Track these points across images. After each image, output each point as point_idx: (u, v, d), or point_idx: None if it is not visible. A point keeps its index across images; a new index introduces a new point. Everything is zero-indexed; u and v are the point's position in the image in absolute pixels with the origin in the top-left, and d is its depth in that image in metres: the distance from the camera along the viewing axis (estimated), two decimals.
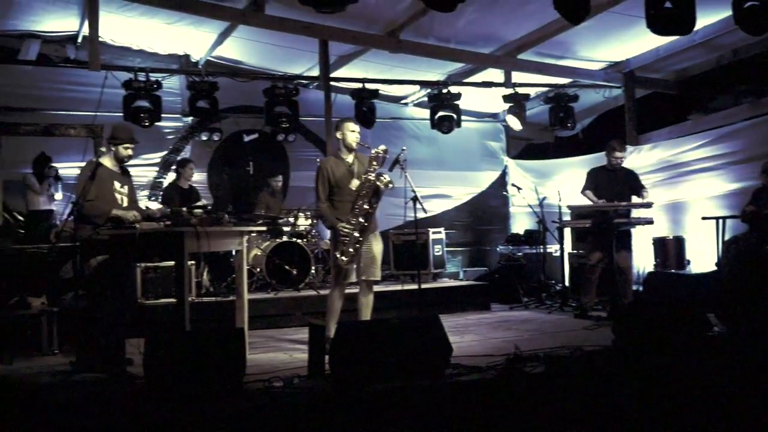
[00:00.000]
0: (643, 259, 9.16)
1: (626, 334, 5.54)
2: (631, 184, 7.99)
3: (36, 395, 4.79)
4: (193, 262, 7.77)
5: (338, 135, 6.24)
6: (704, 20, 7.74)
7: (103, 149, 5.83)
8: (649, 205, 7.68)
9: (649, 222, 7.85)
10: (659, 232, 9.07)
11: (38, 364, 5.92)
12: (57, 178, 8.91)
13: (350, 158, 6.20)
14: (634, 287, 8.25)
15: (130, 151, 5.83)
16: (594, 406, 4.36)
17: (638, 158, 9.77)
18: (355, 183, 6.10)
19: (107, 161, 5.79)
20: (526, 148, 12.64)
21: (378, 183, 5.99)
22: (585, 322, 7.49)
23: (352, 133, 6.17)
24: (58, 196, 8.99)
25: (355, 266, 6.12)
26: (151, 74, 8.71)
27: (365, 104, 9.72)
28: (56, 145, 8.96)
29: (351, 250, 5.99)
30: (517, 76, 10.06)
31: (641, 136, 10.06)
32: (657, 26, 6.39)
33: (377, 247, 6.18)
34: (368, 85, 9.79)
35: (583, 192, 8.10)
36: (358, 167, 6.18)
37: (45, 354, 6.30)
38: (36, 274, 7.00)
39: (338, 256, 6.01)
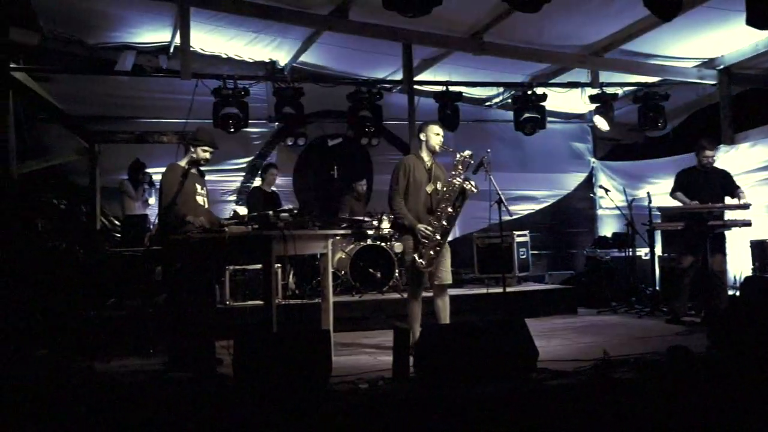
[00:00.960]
0: (740, 263, 8.81)
1: (722, 340, 5.34)
2: (724, 184, 7.69)
3: (131, 394, 4.96)
4: (279, 265, 7.92)
5: (422, 137, 6.24)
6: None
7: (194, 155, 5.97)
8: (746, 207, 7.37)
9: (747, 224, 7.52)
10: (758, 235, 8.68)
11: (134, 363, 6.14)
12: (151, 183, 9.25)
13: (429, 162, 6.20)
14: (731, 292, 7.95)
15: (208, 155, 5.96)
16: (686, 414, 4.22)
17: (735, 157, 9.39)
18: (430, 187, 6.10)
19: (183, 163, 5.93)
20: (613, 148, 12.35)
21: (465, 186, 5.97)
22: (677, 328, 7.27)
23: (436, 136, 6.17)
24: (152, 201, 9.34)
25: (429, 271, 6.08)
26: (239, 81, 8.94)
27: (448, 107, 9.70)
28: (149, 151, 9.32)
29: (431, 252, 5.95)
30: (605, 76, 9.85)
31: (737, 135, 9.67)
32: (757, 21, 6.13)
33: (446, 252, 6.15)
34: (451, 88, 9.77)
35: (672, 194, 7.86)
36: (436, 171, 6.18)
37: (140, 353, 6.53)
38: (131, 276, 7.26)
39: (417, 259, 5.98)
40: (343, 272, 8.86)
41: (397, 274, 8.86)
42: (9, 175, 7.00)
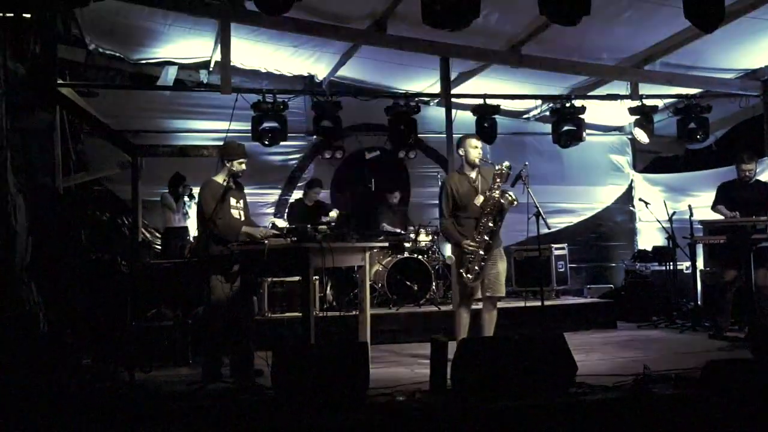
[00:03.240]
0: None
1: (766, 356, 5.25)
2: (764, 199, 7.59)
3: (171, 403, 5.03)
4: (317, 277, 7.97)
5: (460, 152, 6.28)
6: None
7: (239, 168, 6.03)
8: None
9: None
10: None
11: (173, 373, 6.24)
12: (191, 196, 9.39)
13: (473, 174, 6.23)
14: None
15: (243, 166, 6.00)
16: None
17: None
18: (479, 199, 6.13)
19: (220, 178, 5.98)
20: (654, 161, 12.22)
21: (502, 200, 5.99)
22: (720, 343, 7.15)
23: (474, 149, 6.20)
24: (192, 213, 9.48)
25: (479, 283, 6.12)
26: (277, 95, 9.04)
27: (486, 120, 9.68)
28: (190, 165, 9.46)
29: (477, 267, 6.01)
30: (645, 88, 9.76)
31: None
32: None
33: (501, 264, 6.17)
34: (489, 101, 9.75)
35: (713, 208, 7.77)
36: (482, 183, 6.20)
37: (179, 364, 6.62)
38: (171, 287, 7.38)
39: (464, 274, 6.04)
40: (380, 285, 8.89)
41: (434, 287, 8.86)
42: (55, 189, 7.16)
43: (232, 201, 5.98)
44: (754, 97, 9.65)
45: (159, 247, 9.65)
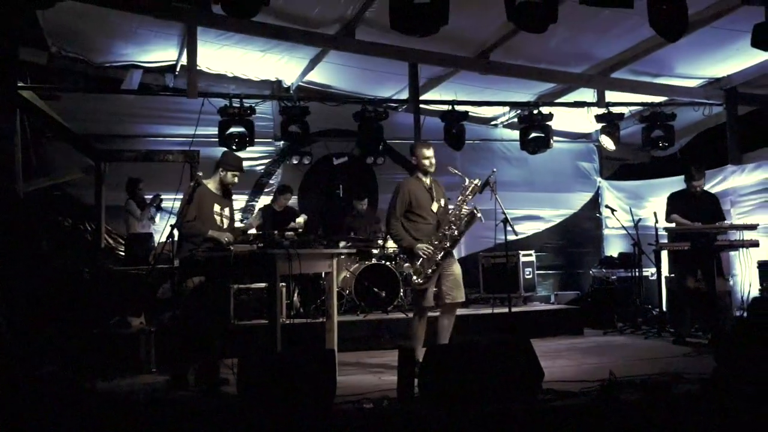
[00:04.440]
0: (747, 284, 8.79)
1: (729, 362, 5.33)
2: (714, 210, 7.77)
3: (134, 412, 4.96)
4: (284, 284, 7.93)
5: (413, 160, 6.32)
6: None
7: (200, 173, 6.04)
8: (753, 227, 7.41)
9: (755, 245, 7.56)
10: (765, 256, 8.68)
11: (137, 381, 6.15)
12: (159, 207, 9.29)
13: (427, 181, 6.27)
14: (738, 313, 7.93)
15: (236, 179, 6.10)
16: None
17: (741, 179, 9.41)
18: (435, 206, 6.17)
19: (211, 184, 6.04)
20: (620, 168, 12.37)
21: (475, 213, 6.04)
22: (684, 349, 7.25)
23: (426, 159, 6.21)
24: (157, 220, 9.38)
25: (434, 289, 6.11)
26: (245, 100, 9.00)
27: (454, 126, 9.73)
28: (155, 170, 9.37)
29: (429, 271, 6.00)
30: (611, 95, 9.89)
31: (745, 155, 9.70)
32: (763, 42, 6.19)
33: (456, 267, 6.20)
34: (458, 107, 9.79)
35: (668, 218, 7.93)
36: (435, 190, 6.24)
37: (143, 372, 6.53)
38: (135, 294, 7.30)
39: (414, 277, 6.03)
40: (347, 291, 8.87)
41: (401, 294, 8.87)
42: (16, 193, 7.05)
43: (216, 207, 6.00)
44: (717, 105, 9.83)
45: (122, 253, 9.53)
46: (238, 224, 6.80)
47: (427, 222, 6.16)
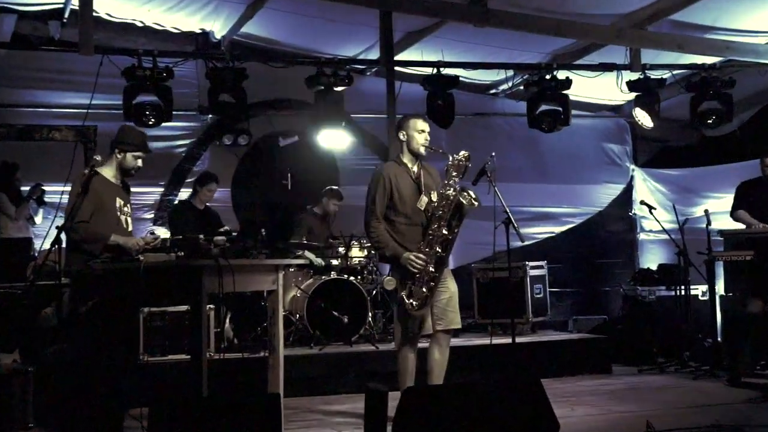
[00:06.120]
0: None
1: None
2: None
3: None
4: (212, 306, 7.90)
5: (401, 136, 6.28)
6: None
7: (98, 157, 5.99)
8: None
9: None
10: None
11: None
12: (41, 201, 9.18)
13: (416, 168, 6.23)
14: None
15: (140, 162, 6.02)
16: None
17: None
18: (423, 201, 6.12)
19: (107, 171, 5.96)
20: (660, 152, 12.48)
21: (461, 199, 5.99)
22: (746, 392, 7.32)
23: (420, 134, 6.18)
24: (38, 220, 9.28)
25: (428, 313, 6.10)
26: (159, 59, 8.91)
27: (441, 96, 9.74)
28: (36, 153, 9.26)
29: (424, 289, 5.97)
30: (649, 55, 9.94)
31: None
32: None
33: (452, 285, 6.19)
34: (444, 71, 9.80)
35: (733, 214, 7.98)
36: (426, 180, 6.20)
37: (17, 428, 6.45)
38: (7, 322, 7.21)
39: (405, 299, 6.00)
40: (298, 316, 8.85)
41: (370, 319, 8.86)
42: None
43: (118, 203, 5.96)
44: None
45: None
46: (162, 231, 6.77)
47: (411, 223, 6.13)
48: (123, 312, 5.82)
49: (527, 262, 9.89)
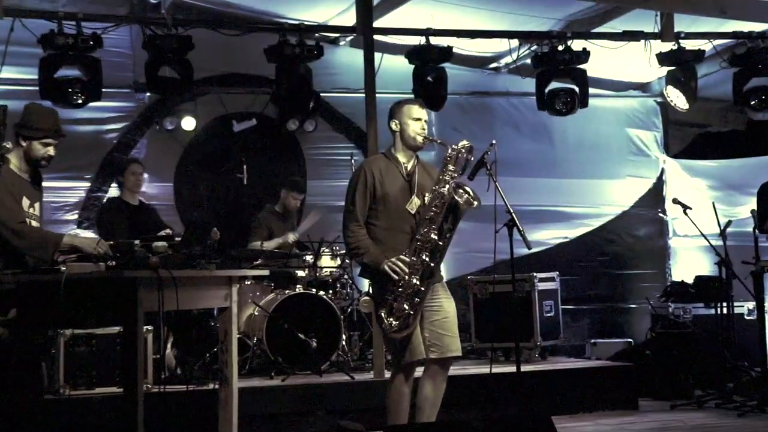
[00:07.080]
0: None
1: None
2: None
3: None
4: (150, 327, 7.87)
5: (393, 126, 6.25)
6: None
7: (8, 144, 5.93)
8: None
9: None
10: None
11: None
12: None
13: (410, 163, 6.22)
14: None
15: (51, 150, 5.92)
16: None
17: None
18: (414, 203, 6.10)
19: (13, 161, 5.90)
20: (698, 139, 12.54)
21: (456, 198, 5.98)
22: None
23: (416, 122, 6.16)
24: None
25: (419, 337, 6.08)
26: (84, 24, 8.88)
27: (430, 71, 9.76)
28: None
29: (406, 306, 5.94)
30: (684, 21, 9.98)
31: None
32: None
33: (449, 303, 6.16)
34: (434, 40, 9.84)
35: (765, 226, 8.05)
36: (421, 179, 6.18)
37: None
38: None
39: (384, 317, 5.96)
40: (256, 339, 8.84)
41: (343, 342, 8.86)
42: None
43: (25, 202, 5.89)
44: None
45: None
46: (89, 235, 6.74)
47: (393, 228, 6.09)
48: (35, 335, 5.78)
49: (535, 274, 9.91)
